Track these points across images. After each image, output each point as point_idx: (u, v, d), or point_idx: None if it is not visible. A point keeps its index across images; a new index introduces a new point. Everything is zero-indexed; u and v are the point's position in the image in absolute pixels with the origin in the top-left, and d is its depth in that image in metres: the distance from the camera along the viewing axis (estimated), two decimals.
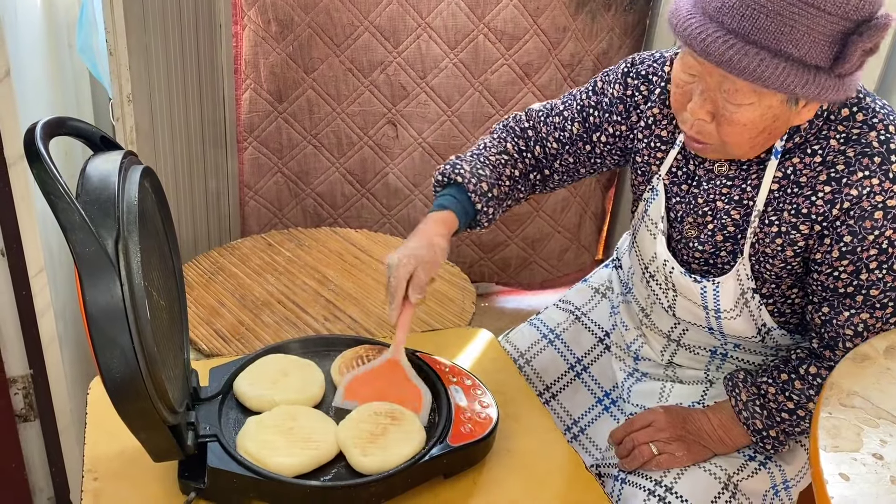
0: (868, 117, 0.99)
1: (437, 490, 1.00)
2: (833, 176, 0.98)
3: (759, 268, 1.06)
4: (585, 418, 1.32)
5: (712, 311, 1.11)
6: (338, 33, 2.06)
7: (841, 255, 0.98)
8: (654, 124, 1.14)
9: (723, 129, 0.96)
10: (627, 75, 1.16)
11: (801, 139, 1.01)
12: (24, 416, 1.55)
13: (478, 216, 1.18)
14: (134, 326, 0.75)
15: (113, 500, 0.95)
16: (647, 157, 1.15)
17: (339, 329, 1.55)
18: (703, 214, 1.09)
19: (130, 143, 1.76)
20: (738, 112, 0.94)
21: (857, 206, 0.96)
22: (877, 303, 0.99)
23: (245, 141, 2.12)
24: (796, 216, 1.01)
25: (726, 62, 0.88)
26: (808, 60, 0.87)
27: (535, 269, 2.53)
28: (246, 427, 0.98)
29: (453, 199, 1.15)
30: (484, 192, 1.16)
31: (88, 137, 0.88)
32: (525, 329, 1.41)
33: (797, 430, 1.09)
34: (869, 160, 0.96)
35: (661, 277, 1.15)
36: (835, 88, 0.89)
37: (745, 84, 0.90)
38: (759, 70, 0.87)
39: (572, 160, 1.23)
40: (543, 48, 2.20)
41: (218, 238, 2.22)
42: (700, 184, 1.09)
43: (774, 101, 0.93)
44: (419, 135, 2.22)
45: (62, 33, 1.87)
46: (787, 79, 0.87)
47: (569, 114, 1.21)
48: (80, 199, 0.77)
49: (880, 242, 0.96)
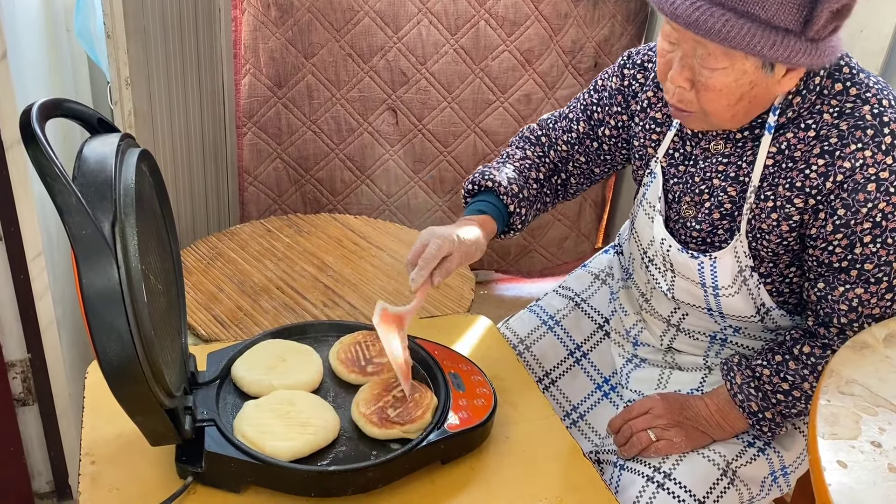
0: (861, 91, 0.99)
1: (434, 476, 1.00)
2: (826, 149, 0.98)
3: (755, 244, 1.07)
4: (585, 404, 1.32)
5: (710, 289, 1.12)
6: (338, 18, 2.04)
7: (835, 228, 0.99)
8: (649, 107, 1.16)
9: (701, 95, 0.98)
10: (624, 67, 1.20)
11: (794, 114, 1.01)
12: (22, 399, 1.55)
13: (511, 218, 1.21)
14: (131, 310, 0.74)
15: (110, 483, 0.95)
16: (644, 141, 1.17)
17: (338, 315, 1.55)
18: (700, 193, 1.10)
19: (129, 127, 1.75)
20: (712, 77, 0.95)
21: (850, 178, 0.97)
22: (871, 277, 0.99)
23: (244, 126, 2.11)
24: (791, 190, 1.01)
25: (693, 23, 0.90)
26: (776, 22, 0.88)
27: (534, 256, 2.53)
28: (243, 411, 0.98)
29: (489, 204, 1.19)
30: (515, 194, 1.20)
31: (85, 120, 0.87)
32: (525, 315, 1.41)
33: (794, 412, 1.09)
34: (862, 133, 0.97)
35: (660, 260, 1.16)
36: (807, 52, 0.90)
37: (716, 47, 0.92)
38: (724, 31, 0.88)
39: (584, 159, 1.27)
40: (545, 34, 2.18)
41: (217, 223, 2.22)
42: (696, 163, 1.11)
43: (748, 66, 0.93)
44: (419, 121, 2.21)
45: (60, 16, 1.86)
46: (753, 39, 0.88)
47: (574, 115, 1.26)
48: (76, 182, 0.76)
49: (874, 215, 0.96)
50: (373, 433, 0.98)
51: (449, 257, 1.07)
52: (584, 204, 2.52)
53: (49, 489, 1.69)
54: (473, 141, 2.26)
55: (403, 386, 1.02)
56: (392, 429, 0.98)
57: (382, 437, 0.98)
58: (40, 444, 1.63)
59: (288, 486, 0.93)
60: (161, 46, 1.85)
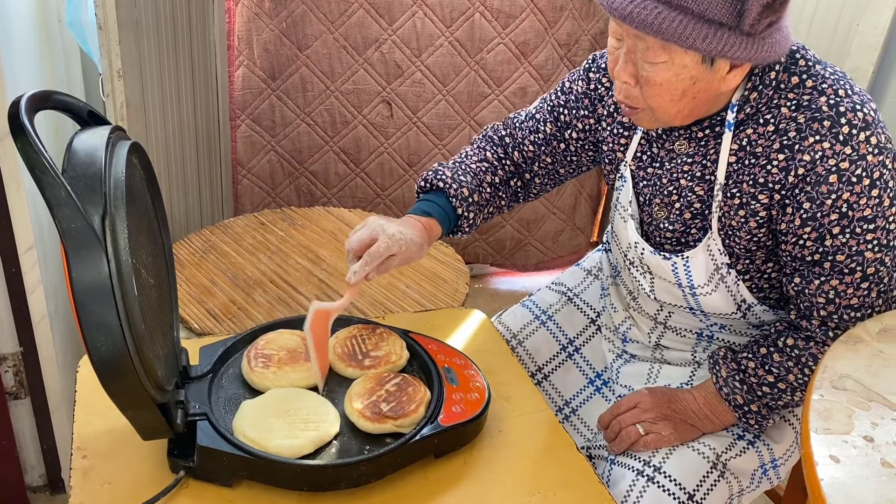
0: (817, 83, 0.99)
1: (427, 470, 1.00)
2: (786, 143, 0.99)
3: (728, 241, 1.07)
4: (577, 399, 1.33)
5: (687, 288, 1.12)
6: (332, 10, 2.03)
7: (803, 222, 0.99)
8: (615, 111, 1.17)
9: (645, 91, 0.98)
10: (589, 70, 1.20)
11: (752, 110, 1.02)
12: (14, 393, 1.54)
13: (459, 221, 1.20)
14: (121, 304, 0.74)
15: (102, 478, 0.94)
16: (613, 145, 1.18)
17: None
18: (669, 194, 1.10)
19: (121, 120, 1.74)
20: (653, 71, 0.96)
21: (811, 171, 0.97)
22: (845, 268, 1.00)
23: (238, 118, 2.10)
24: (754, 186, 1.02)
25: (628, 16, 0.91)
26: (709, 15, 0.89)
27: (529, 250, 2.53)
28: (242, 411, 0.98)
29: (435, 205, 1.18)
30: (465, 198, 1.19)
31: (75, 112, 0.86)
32: (517, 310, 1.41)
33: (780, 404, 1.10)
34: (819, 125, 0.97)
35: (638, 262, 1.16)
36: (743, 46, 0.91)
37: (653, 41, 0.93)
38: (656, 22, 0.89)
39: (550, 160, 1.26)
40: (540, 27, 2.17)
41: (210, 216, 2.21)
42: (663, 164, 1.11)
43: (687, 61, 0.94)
44: (414, 114, 2.21)
45: (52, 7, 1.84)
46: (685, 31, 0.89)
47: (541, 116, 1.25)
48: (66, 175, 0.76)
49: (839, 206, 0.96)
50: (366, 428, 0.98)
51: (392, 257, 1.07)
52: (579, 198, 2.52)
53: (42, 483, 1.69)
54: (469, 134, 2.26)
55: (318, 384, 1.05)
56: (385, 423, 0.98)
57: (376, 431, 0.98)
58: (33, 438, 1.62)
59: (280, 481, 0.93)
60: (154, 38, 1.83)
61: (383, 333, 1.13)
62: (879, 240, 0.98)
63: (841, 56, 1.95)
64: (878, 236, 0.98)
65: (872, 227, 0.97)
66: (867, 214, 0.97)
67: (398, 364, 1.09)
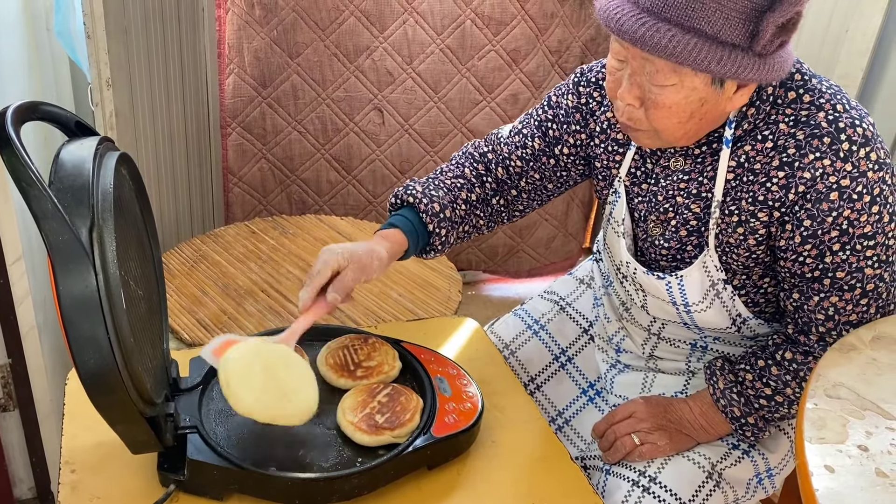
0: (815, 98, 0.98)
1: (421, 482, 0.99)
2: (785, 160, 0.98)
3: (726, 258, 1.06)
4: (570, 409, 1.32)
5: (681, 306, 1.11)
6: (323, 17, 2.03)
7: (803, 239, 0.98)
8: (609, 128, 1.15)
9: (650, 113, 0.96)
10: (578, 84, 1.17)
11: (749, 126, 1.00)
12: (3, 405, 1.53)
13: (430, 238, 1.16)
14: (109, 318, 0.73)
15: (91, 492, 0.93)
16: (607, 161, 1.16)
17: (324, 319, 1.54)
18: (665, 211, 1.09)
19: (110, 129, 1.73)
20: (662, 94, 0.94)
21: (812, 189, 0.96)
22: (844, 285, 0.99)
23: (229, 127, 2.09)
24: (753, 204, 1.01)
25: (639, 39, 0.88)
26: (723, 37, 0.87)
27: (522, 257, 2.52)
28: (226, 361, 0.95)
29: (403, 219, 1.14)
30: (436, 213, 1.15)
31: (63, 123, 0.85)
32: (510, 320, 1.40)
33: (776, 416, 1.09)
34: (819, 141, 0.96)
35: (631, 279, 1.16)
36: (755, 67, 0.89)
37: (664, 64, 0.91)
38: (670, 46, 0.87)
39: (538, 176, 1.22)
40: (531, 34, 2.18)
41: (201, 225, 2.20)
42: (658, 181, 1.10)
43: (697, 83, 0.92)
44: (406, 121, 2.20)
45: (40, 16, 1.83)
46: (699, 55, 0.87)
47: (528, 131, 1.21)
48: (52, 187, 0.75)
49: (840, 223, 0.96)
50: (363, 441, 0.97)
51: (342, 273, 1.03)
52: (571, 204, 2.52)
53: (31, 496, 1.67)
54: (460, 141, 2.25)
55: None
56: (383, 434, 0.97)
57: (373, 443, 0.97)
58: (21, 451, 1.60)
59: (272, 494, 0.92)
60: (143, 46, 1.82)
61: (375, 343, 1.12)
62: (879, 256, 0.98)
63: (830, 62, 1.95)
64: (878, 252, 0.97)
65: (872, 243, 0.97)
66: (867, 231, 0.96)
67: (391, 374, 1.08)
